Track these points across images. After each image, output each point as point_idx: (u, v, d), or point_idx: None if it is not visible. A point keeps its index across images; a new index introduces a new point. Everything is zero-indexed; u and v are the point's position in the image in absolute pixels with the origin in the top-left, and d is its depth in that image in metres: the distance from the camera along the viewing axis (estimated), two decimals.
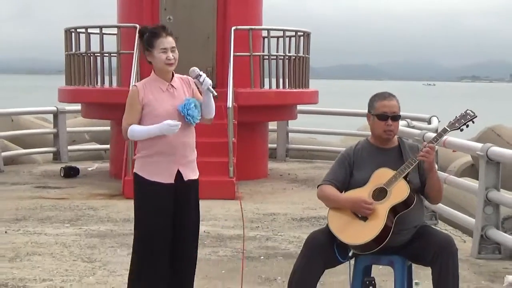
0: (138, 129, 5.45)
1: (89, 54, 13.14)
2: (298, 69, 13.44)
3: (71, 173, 13.51)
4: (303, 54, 13.55)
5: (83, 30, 13.23)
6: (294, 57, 13.39)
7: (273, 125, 15.89)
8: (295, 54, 13.43)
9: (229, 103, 11.70)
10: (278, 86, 13.26)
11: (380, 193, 5.15)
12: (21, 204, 10.82)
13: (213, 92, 5.52)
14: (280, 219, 10.03)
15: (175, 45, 5.45)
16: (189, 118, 5.42)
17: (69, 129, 16.06)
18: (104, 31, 13.14)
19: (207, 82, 5.47)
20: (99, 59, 13.15)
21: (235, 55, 12.43)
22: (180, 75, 5.61)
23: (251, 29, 12.85)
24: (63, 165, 14.12)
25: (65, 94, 13.69)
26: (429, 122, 13.04)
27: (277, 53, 13.52)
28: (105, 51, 13.17)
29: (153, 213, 5.47)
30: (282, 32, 13.39)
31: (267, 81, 13.46)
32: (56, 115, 15.65)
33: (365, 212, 5.11)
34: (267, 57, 13.36)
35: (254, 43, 12.91)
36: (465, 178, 10.44)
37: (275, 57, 13.37)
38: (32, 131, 16.15)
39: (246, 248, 8.14)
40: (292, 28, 13.62)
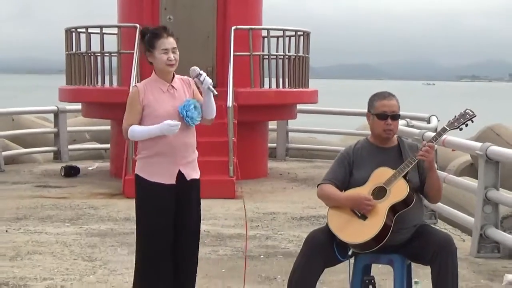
0: (139, 130, 5.45)
1: (89, 54, 13.15)
2: (298, 68, 13.46)
3: (71, 172, 13.53)
4: (303, 54, 13.56)
5: (84, 30, 13.24)
6: (294, 56, 13.41)
7: (273, 125, 15.89)
8: (295, 53, 13.44)
9: (229, 102, 11.72)
10: (278, 85, 13.28)
11: (379, 192, 5.16)
12: (21, 203, 10.83)
13: (214, 91, 5.51)
14: (280, 218, 10.04)
15: (176, 46, 5.45)
16: (187, 120, 5.42)
17: (69, 128, 16.07)
18: (105, 30, 13.15)
19: (207, 81, 5.47)
20: (99, 58, 13.17)
21: (235, 55, 12.45)
22: (180, 76, 5.61)
23: (251, 28, 12.87)
24: (64, 164, 14.14)
25: (65, 93, 13.71)
26: (428, 121, 13.04)
27: (277, 52, 13.53)
28: (105, 50, 13.17)
29: (154, 213, 5.47)
30: (282, 32, 13.40)
31: (267, 80, 13.48)
32: (56, 114, 15.67)
33: (366, 209, 5.12)
34: (267, 56, 13.36)
35: (254, 42, 12.92)
36: (464, 177, 10.44)
37: (275, 57, 13.38)
38: (32, 130, 16.15)
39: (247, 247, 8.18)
40: (292, 28, 13.63)
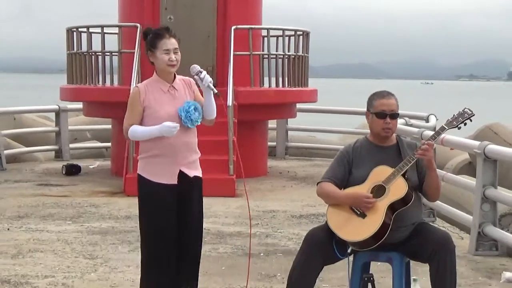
0: (139, 130, 5.48)
1: (90, 53, 13.17)
2: (297, 68, 13.49)
3: (72, 170, 13.55)
4: (302, 53, 13.59)
5: (85, 30, 13.27)
6: (293, 56, 13.44)
7: (272, 123, 15.91)
8: (294, 53, 13.48)
9: (229, 101, 11.76)
10: (277, 84, 13.31)
11: (378, 191, 5.18)
12: (23, 201, 10.86)
13: (214, 89, 5.53)
14: (280, 216, 10.07)
15: (178, 46, 5.48)
16: (186, 121, 5.43)
17: (71, 127, 16.08)
18: (106, 30, 13.19)
19: (207, 79, 5.48)
20: (100, 58, 13.19)
21: (235, 54, 12.48)
22: (182, 76, 5.63)
23: (251, 28, 12.90)
24: (65, 163, 14.17)
25: (67, 92, 13.74)
26: (427, 120, 13.09)
27: (276, 52, 13.56)
28: (106, 50, 13.21)
29: (155, 213, 5.50)
30: (281, 31, 13.43)
31: (266, 80, 13.49)
32: (58, 113, 15.70)
33: (365, 206, 5.15)
34: (266, 56, 13.38)
35: (254, 42, 12.96)
36: (462, 176, 10.49)
37: (275, 56, 13.41)
38: (34, 129, 16.17)
39: (246, 245, 8.20)
40: (292, 27, 13.68)
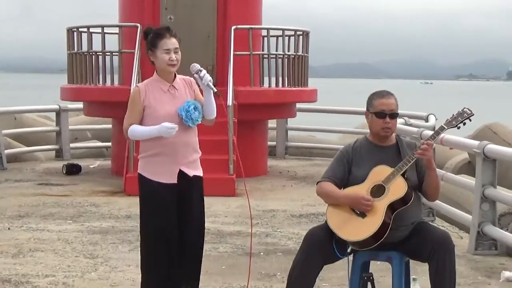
0: (139, 130, 5.50)
1: (91, 53, 13.19)
2: (297, 67, 13.51)
3: (73, 170, 13.57)
4: (302, 53, 13.61)
5: (85, 30, 13.28)
6: (293, 56, 13.46)
7: (272, 123, 15.93)
8: (294, 53, 13.50)
9: (229, 101, 11.78)
10: (277, 84, 13.32)
11: (378, 190, 5.19)
12: (24, 201, 10.88)
13: (213, 88, 5.54)
14: (280, 215, 10.08)
15: (178, 46, 5.49)
16: (187, 120, 5.45)
17: (71, 127, 16.10)
18: (106, 30, 13.21)
19: (207, 78, 5.50)
20: (100, 58, 13.21)
21: (235, 54, 12.50)
22: (182, 76, 5.65)
23: (251, 28, 12.92)
24: (66, 162, 14.18)
25: (67, 92, 13.75)
26: (426, 120, 13.11)
27: (276, 52, 13.58)
28: (106, 50, 13.23)
29: (155, 212, 5.52)
30: (281, 31, 13.45)
31: (266, 79, 13.50)
32: (58, 113, 15.72)
33: (364, 208, 5.16)
34: (266, 56, 13.39)
35: (254, 42, 12.98)
36: (462, 175, 10.51)
37: (275, 56, 13.42)
38: (34, 129, 16.17)
39: (246, 244, 8.23)
40: (292, 27, 13.69)
